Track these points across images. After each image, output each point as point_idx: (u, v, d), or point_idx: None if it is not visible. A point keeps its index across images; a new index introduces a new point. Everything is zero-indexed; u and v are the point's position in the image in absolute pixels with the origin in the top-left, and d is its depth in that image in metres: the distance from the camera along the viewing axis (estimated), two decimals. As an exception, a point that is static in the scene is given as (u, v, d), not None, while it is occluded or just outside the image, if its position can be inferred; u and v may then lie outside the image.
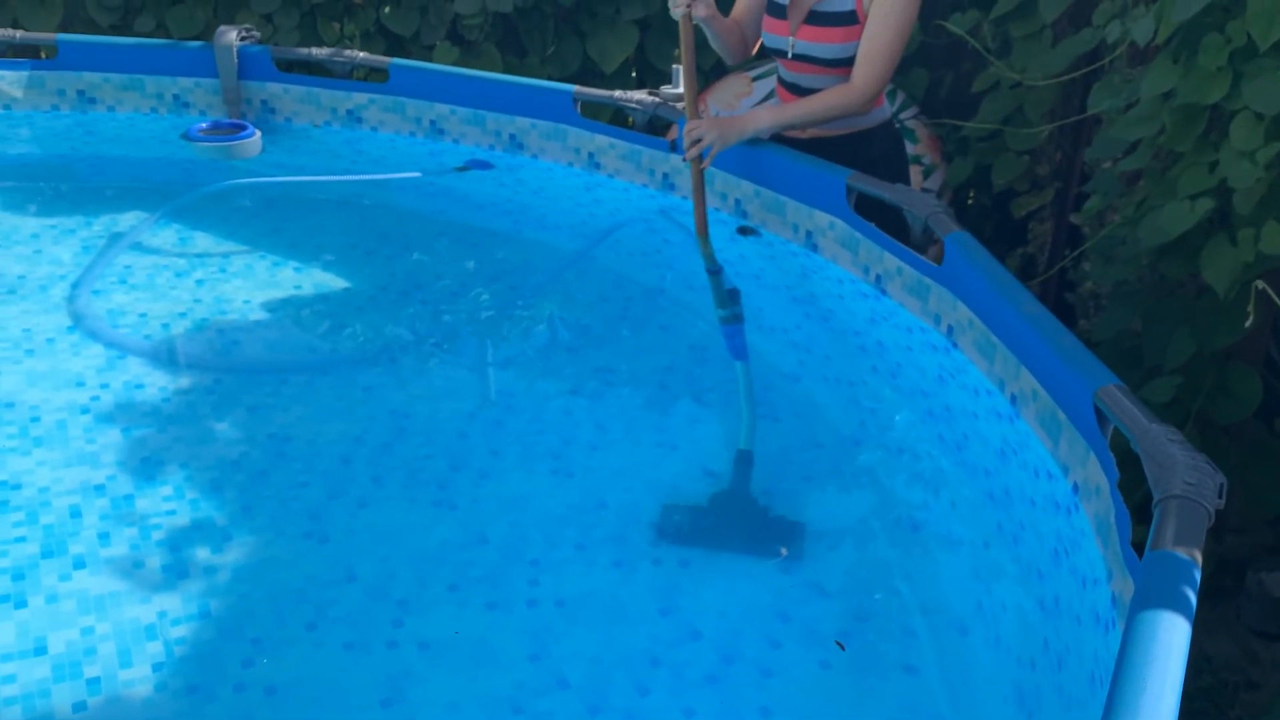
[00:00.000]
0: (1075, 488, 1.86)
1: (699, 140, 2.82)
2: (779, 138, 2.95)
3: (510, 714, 1.67)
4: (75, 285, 2.87)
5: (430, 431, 2.35)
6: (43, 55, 4.17)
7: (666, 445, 2.40)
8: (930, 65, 4.13)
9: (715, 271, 2.97)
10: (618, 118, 3.84)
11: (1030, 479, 2.02)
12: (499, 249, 3.31)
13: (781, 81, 2.95)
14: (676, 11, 2.77)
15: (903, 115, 3.92)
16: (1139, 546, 1.53)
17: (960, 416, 2.32)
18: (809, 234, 2.89)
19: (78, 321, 2.69)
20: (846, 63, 2.75)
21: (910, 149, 3.64)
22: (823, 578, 1.98)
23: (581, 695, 1.71)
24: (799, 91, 2.87)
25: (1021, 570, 1.95)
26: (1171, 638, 1.26)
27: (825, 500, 2.24)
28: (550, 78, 4.34)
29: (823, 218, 2.82)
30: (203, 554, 1.95)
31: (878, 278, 2.67)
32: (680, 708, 1.70)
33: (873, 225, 2.68)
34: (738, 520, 2.15)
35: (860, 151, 2.87)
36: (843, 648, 1.83)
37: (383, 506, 2.11)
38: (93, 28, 4.49)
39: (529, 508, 2.13)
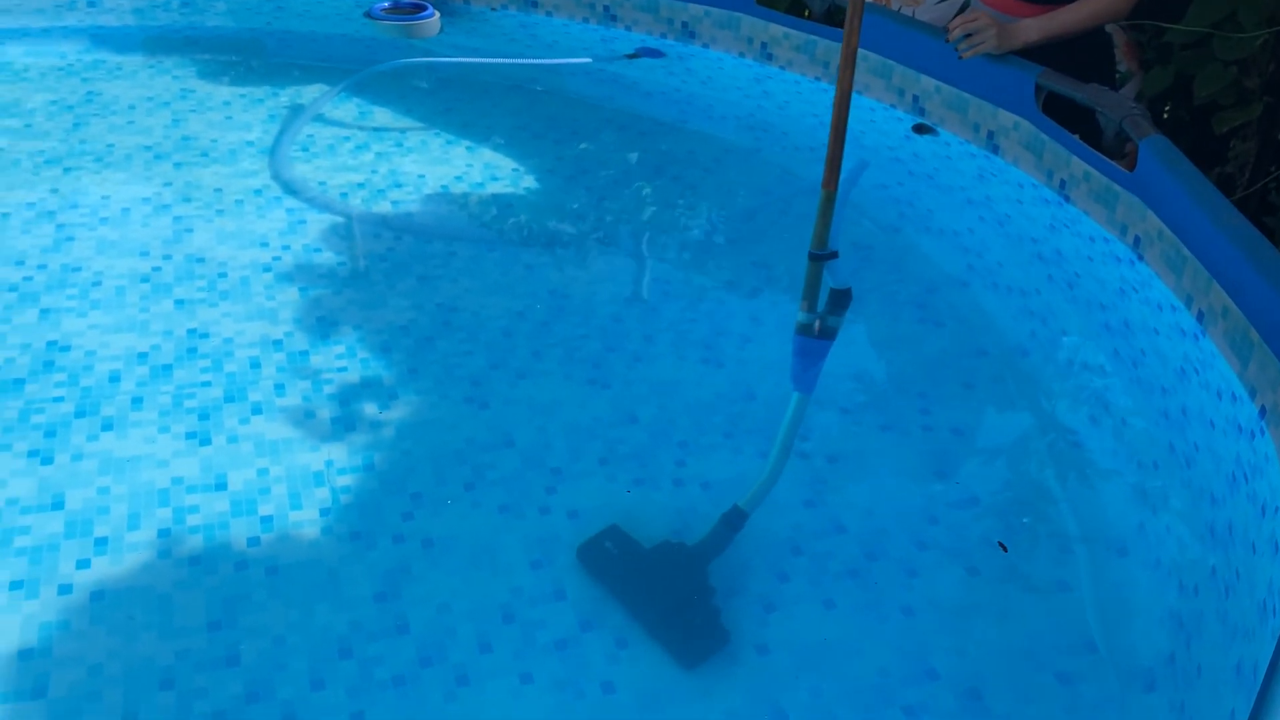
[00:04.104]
0: (1263, 411, 1.75)
1: (974, 34, 2.60)
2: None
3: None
4: (262, 152, 2.99)
5: (587, 312, 2.38)
6: (237, -70, 4.28)
7: (823, 342, 2.37)
8: (1136, -38, 3.83)
9: (822, 257, 2.32)
10: (794, 7, 3.71)
11: (1211, 400, 1.91)
12: (664, 139, 3.28)
13: None
14: None
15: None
16: (1331, 475, 1.43)
17: (1139, 332, 2.20)
18: (990, 134, 2.75)
19: (264, 186, 2.81)
20: None
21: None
22: (977, 486, 1.93)
23: (720, 574, 1.73)
24: None
25: (1192, 494, 1.86)
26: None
27: (986, 408, 2.18)
28: (727, -34, 4.22)
29: (1007, 117, 2.68)
30: (370, 410, 2.04)
31: (1062, 183, 2.53)
32: (820, 599, 1.71)
33: (1061, 127, 2.53)
34: (664, 583, 1.74)
35: (1066, 57, 2.67)
36: (1005, 549, 1.79)
37: (540, 379, 2.16)
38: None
39: (679, 393, 2.14)
